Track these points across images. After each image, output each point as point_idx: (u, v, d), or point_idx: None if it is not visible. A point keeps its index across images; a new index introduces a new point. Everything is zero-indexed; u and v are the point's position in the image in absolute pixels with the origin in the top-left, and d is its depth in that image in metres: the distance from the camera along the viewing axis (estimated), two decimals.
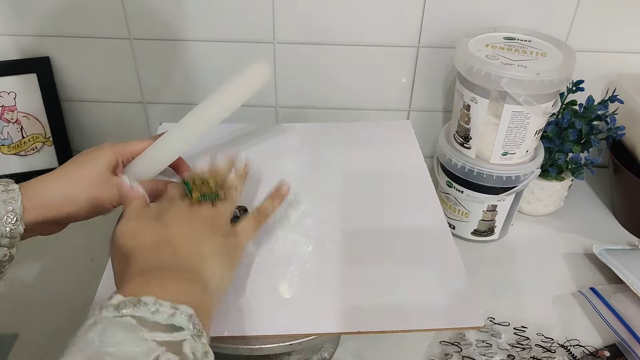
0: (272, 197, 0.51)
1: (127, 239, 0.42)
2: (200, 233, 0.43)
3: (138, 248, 0.41)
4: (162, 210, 0.46)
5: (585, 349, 0.61)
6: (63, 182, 0.49)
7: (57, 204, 0.49)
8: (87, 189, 0.50)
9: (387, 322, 0.45)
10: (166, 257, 0.40)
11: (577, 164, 0.75)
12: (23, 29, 0.80)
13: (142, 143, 0.56)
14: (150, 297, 0.34)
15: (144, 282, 0.37)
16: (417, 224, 0.56)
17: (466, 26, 0.74)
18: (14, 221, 0.45)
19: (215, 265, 0.42)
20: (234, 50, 0.82)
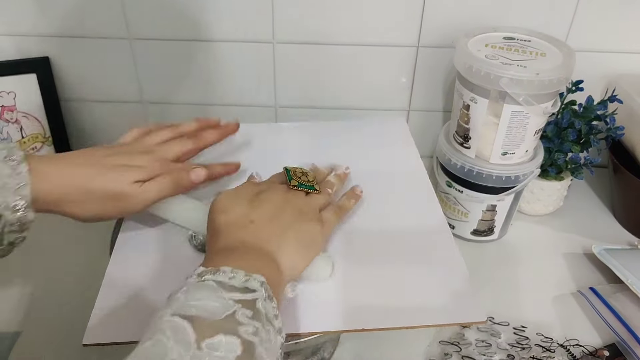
0: (349, 197, 0.55)
1: (218, 213, 0.46)
2: (286, 218, 0.47)
3: (225, 224, 0.45)
4: (260, 189, 0.50)
5: (584, 348, 0.61)
6: (86, 190, 0.46)
7: (77, 209, 0.46)
8: (115, 203, 0.47)
9: (388, 320, 0.45)
10: (248, 236, 0.43)
11: (577, 163, 0.75)
12: (23, 29, 0.80)
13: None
14: (227, 267, 0.38)
15: (224, 258, 0.41)
16: (416, 222, 0.56)
17: (466, 26, 0.74)
18: (24, 208, 0.43)
19: (292, 251, 0.45)
20: (234, 50, 0.82)
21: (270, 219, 0.46)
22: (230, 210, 0.46)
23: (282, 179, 0.53)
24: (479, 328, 0.63)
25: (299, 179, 0.52)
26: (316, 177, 0.55)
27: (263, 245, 0.43)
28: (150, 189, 0.48)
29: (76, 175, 0.46)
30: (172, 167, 0.50)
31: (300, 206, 0.49)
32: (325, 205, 0.52)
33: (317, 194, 0.52)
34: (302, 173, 0.53)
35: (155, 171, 0.48)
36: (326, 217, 0.50)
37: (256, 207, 0.47)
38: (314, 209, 0.50)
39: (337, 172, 0.58)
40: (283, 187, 0.51)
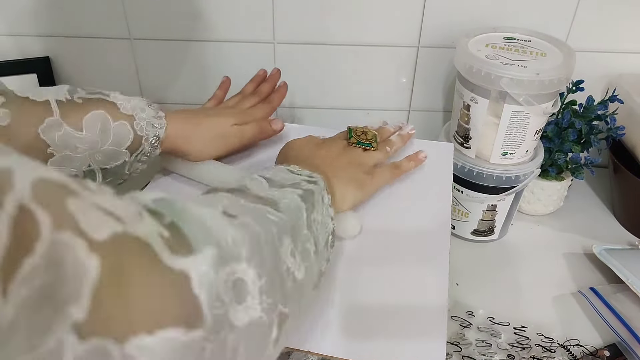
0: (410, 158, 0.61)
1: (290, 150, 0.57)
2: (342, 162, 0.55)
3: (294, 157, 0.54)
4: (325, 142, 0.58)
5: (585, 348, 0.61)
6: (202, 132, 0.58)
7: (194, 147, 0.58)
8: (223, 140, 0.60)
9: (347, 348, 0.44)
10: (312, 168, 0.49)
11: (577, 163, 0.75)
12: (23, 29, 0.80)
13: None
14: (295, 166, 0.47)
15: (295, 164, 0.49)
16: (417, 230, 0.56)
17: (466, 26, 0.74)
18: (157, 144, 0.54)
19: (343, 186, 0.52)
20: (234, 50, 0.82)
21: (330, 163, 0.54)
22: (300, 149, 0.56)
23: (345, 136, 0.59)
24: (479, 328, 0.63)
25: (358, 137, 0.58)
26: (377, 135, 0.58)
27: (324, 173, 0.50)
28: (245, 130, 0.61)
29: (194, 121, 0.58)
30: (252, 116, 0.63)
31: (355, 158, 0.56)
32: (382, 162, 0.58)
33: (373, 151, 0.58)
34: (362, 132, 0.58)
35: (247, 119, 0.62)
36: (379, 171, 0.57)
37: (321, 150, 0.56)
38: (367, 163, 0.57)
39: (401, 132, 0.63)
40: (343, 143, 0.58)
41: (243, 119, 0.62)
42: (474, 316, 0.64)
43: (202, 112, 0.62)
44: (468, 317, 0.64)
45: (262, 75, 0.72)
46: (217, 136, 0.59)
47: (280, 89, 0.70)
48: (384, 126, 0.64)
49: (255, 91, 0.69)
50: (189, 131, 0.57)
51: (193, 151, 0.58)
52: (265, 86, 0.70)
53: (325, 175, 0.49)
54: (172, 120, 0.56)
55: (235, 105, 0.66)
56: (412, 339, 0.45)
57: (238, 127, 0.61)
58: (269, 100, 0.68)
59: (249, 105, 0.66)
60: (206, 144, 0.59)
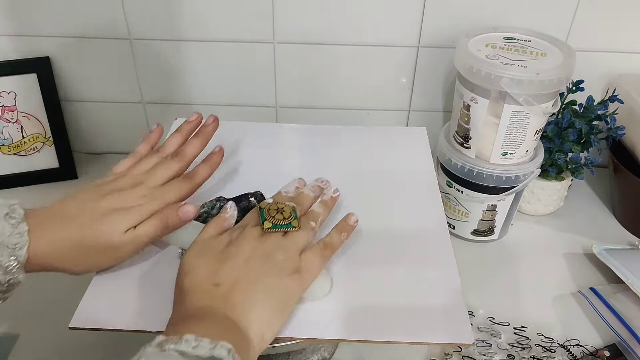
0: (339, 229, 0.49)
1: (183, 275, 0.43)
2: (255, 275, 0.42)
3: (190, 287, 0.42)
4: (231, 238, 0.46)
5: (585, 348, 0.61)
6: (84, 246, 0.45)
7: (73, 264, 0.45)
8: (113, 251, 0.46)
9: (370, 332, 0.44)
10: (213, 301, 0.40)
11: (577, 163, 0.75)
12: (23, 29, 0.80)
13: None
14: (191, 335, 0.35)
15: (188, 325, 0.38)
16: (415, 226, 0.55)
17: (466, 26, 0.74)
18: (16, 270, 0.42)
19: (262, 315, 0.41)
20: (234, 50, 0.82)
21: (237, 280, 0.42)
22: (194, 271, 0.43)
23: (256, 220, 0.48)
24: (479, 328, 0.63)
25: (273, 219, 0.46)
26: (296, 207, 0.48)
27: (228, 311, 0.40)
28: (141, 234, 0.46)
29: (70, 232, 0.44)
30: (162, 200, 0.48)
31: (273, 255, 0.44)
32: (308, 243, 0.47)
33: (296, 232, 0.46)
34: (276, 210, 0.47)
35: (146, 212, 0.47)
36: (307, 260, 0.45)
37: (222, 265, 0.43)
38: (292, 253, 0.45)
39: (324, 198, 0.52)
40: (257, 232, 0.46)
41: (144, 212, 0.47)
42: (474, 316, 0.64)
43: (83, 212, 0.46)
44: (468, 317, 0.64)
45: (193, 123, 0.55)
46: (104, 250, 0.45)
47: (212, 158, 0.53)
48: (301, 191, 0.53)
49: (177, 152, 0.52)
50: (63, 248, 0.44)
51: (73, 269, 0.46)
52: (192, 145, 0.53)
53: (235, 316, 0.40)
54: (39, 235, 0.43)
55: (142, 178, 0.49)
56: (437, 324, 0.46)
57: (132, 233, 0.46)
58: (191, 174, 0.51)
59: (162, 179, 0.50)
60: (89, 260, 0.46)
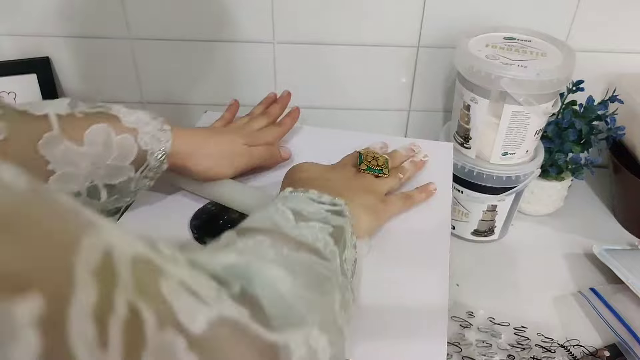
0: (421, 190, 0.58)
1: (299, 172, 0.54)
2: (355, 188, 0.52)
3: (306, 179, 0.52)
4: (334, 167, 0.56)
5: (585, 349, 0.61)
6: (210, 149, 0.56)
7: (201, 164, 0.55)
8: (231, 159, 0.58)
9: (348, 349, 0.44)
10: (324, 189, 0.46)
11: (577, 164, 0.75)
12: (23, 29, 0.80)
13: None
14: (314, 190, 0.45)
15: (309, 187, 0.46)
16: (418, 232, 0.55)
17: (466, 26, 0.74)
18: (163, 159, 0.51)
19: (357, 212, 0.48)
20: (234, 50, 0.82)
21: (343, 187, 0.51)
22: (309, 170, 0.54)
23: (354, 162, 0.56)
24: (479, 328, 0.63)
25: (369, 163, 0.55)
26: (389, 160, 0.57)
27: (337, 195, 0.47)
28: (255, 152, 0.59)
29: (202, 138, 0.56)
30: (263, 137, 0.62)
31: (367, 185, 0.54)
32: (393, 190, 0.56)
33: (385, 178, 0.55)
34: (372, 157, 0.56)
35: (257, 141, 0.60)
36: (391, 200, 0.54)
37: (331, 173, 0.54)
38: (379, 190, 0.54)
39: (415, 159, 0.61)
40: (354, 170, 0.56)
41: (253, 140, 0.60)
42: (474, 316, 0.64)
43: (211, 129, 0.60)
44: (468, 317, 0.64)
45: (272, 98, 0.70)
46: (226, 154, 0.57)
47: (292, 113, 0.68)
48: (396, 149, 0.62)
49: (265, 112, 0.67)
50: (196, 147, 0.55)
51: (200, 169, 0.55)
52: (276, 108, 0.67)
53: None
54: (178, 135, 0.53)
55: (245, 126, 0.63)
56: (413, 340, 0.45)
57: (247, 148, 0.59)
58: (279, 123, 0.66)
59: (259, 127, 0.64)
60: (214, 161, 0.56)
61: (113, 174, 0.49)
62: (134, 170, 0.50)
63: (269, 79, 0.85)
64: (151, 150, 0.50)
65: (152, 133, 0.51)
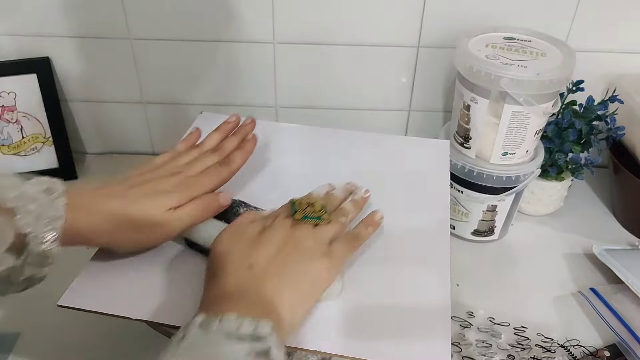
0: (366, 224, 0.50)
1: (217, 254, 0.44)
2: (287, 258, 0.44)
3: (223, 267, 0.43)
4: (264, 226, 0.47)
5: (585, 349, 0.61)
6: (121, 221, 0.46)
7: (110, 240, 0.47)
8: (145, 234, 0.48)
9: (347, 346, 0.44)
10: (246, 282, 0.42)
11: (577, 164, 0.75)
12: (23, 29, 0.80)
13: None
14: (232, 314, 0.37)
15: (223, 304, 0.40)
16: (416, 231, 0.55)
17: (466, 26, 0.74)
18: (52, 242, 0.42)
19: (292, 297, 0.42)
20: (234, 50, 0.82)
21: (269, 262, 0.43)
22: (229, 252, 0.44)
23: (288, 212, 0.49)
24: (479, 328, 0.63)
25: (304, 211, 0.48)
26: (327, 204, 0.50)
27: (261, 292, 0.41)
28: (183, 215, 0.48)
29: (110, 206, 0.46)
30: (201, 186, 0.51)
31: (304, 242, 0.46)
32: (337, 236, 0.48)
33: (326, 225, 0.48)
34: (307, 204, 0.49)
35: (185, 197, 0.49)
36: (335, 249, 0.46)
37: (256, 249, 0.44)
38: (321, 242, 0.46)
39: (355, 197, 0.53)
40: (289, 222, 0.48)
41: (184, 196, 0.49)
42: (474, 316, 0.64)
43: (125, 192, 0.47)
44: (468, 317, 0.64)
45: (231, 124, 0.59)
46: (144, 227, 0.47)
47: (246, 145, 0.56)
48: (332, 192, 0.54)
49: (217, 148, 0.56)
50: (102, 223, 0.45)
51: (111, 246, 0.48)
52: (231, 142, 0.56)
53: (267, 297, 0.41)
54: (76, 210, 0.43)
55: (181, 169, 0.52)
56: (417, 339, 0.45)
57: (173, 213, 0.48)
58: (227, 161, 0.54)
59: (201, 169, 0.53)
60: (128, 238, 0.47)
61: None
62: (13, 259, 0.41)
63: (269, 79, 0.85)
64: (33, 234, 0.41)
65: (38, 212, 0.41)
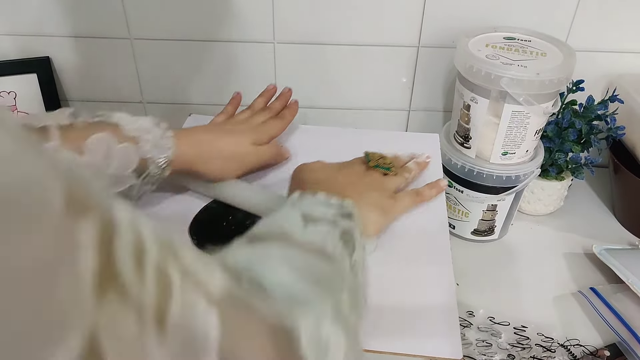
0: (431, 186, 0.59)
1: (307, 171, 0.54)
2: (364, 187, 0.53)
3: (314, 179, 0.53)
4: (342, 166, 0.57)
5: (585, 348, 0.61)
6: (218, 152, 0.56)
7: (210, 168, 0.55)
8: (240, 160, 0.58)
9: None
10: (332, 190, 0.47)
11: (577, 163, 0.75)
12: (23, 29, 0.80)
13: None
14: (322, 193, 0.45)
15: (315, 188, 0.47)
16: (415, 230, 0.55)
17: (466, 26, 0.74)
18: (165, 166, 0.51)
19: (365, 212, 0.49)
20: (234, 50, 0.82)
21: (351, 183, 0.53)
22: (318, 170, 0.54)
23: (362, 160, 0.57)
24: (479, 328, 0.63)
25: (377, 161, 0.56)
26: (394, 161, 0.58)
27: (344, 195, 0.47)
28: (263, 151, 0.60)
29: (208, 139, 0.56)
30: (268, 132, 0.61)
31: (376, 182, 0.54)
32: (401, 188, 0.57)
33: (393, 175, 0.56)
34: (380, 156, 0.57)
35: (263, 137, 0.60)
36: (400, 196, 0.55)
37: (339, 173, 0.54)
38: (389, 187, 0.55)
39: (418, 160, 0.62)
40: (363, 168, 0.56)
41: (259, 137, 0.60)
42: (474, 316, 0.65)
43: (217, 130, 0.59)
44: (468, 317, 0.64)
45: (271, 91, 0.69)
46: (234, 156, 0.57)
47: (292, 105, 0.67)
48: (398, 154, 0.62)
49: (266, 107, 0.67)
50: (203, 151, 0.55)
51: (209, 172, 0.56)
52: (277, 102, 0.67)
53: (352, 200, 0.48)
54: (183, 141, 0.53)
55: (247, 121, 0.63)
56: (427, 335, 0.45)
57: (255, 147, 0.59)
58: (281, 116, 0.65)
59: (262, 121, 0.63)
60: (222, 164, 0.56)
61: (115, 183, 0.49)
62: (136, 178, 0.50)
63: (269, 79, 0.85)
64: (152, 158, 0.50)
65: (154, 141, 0.50)
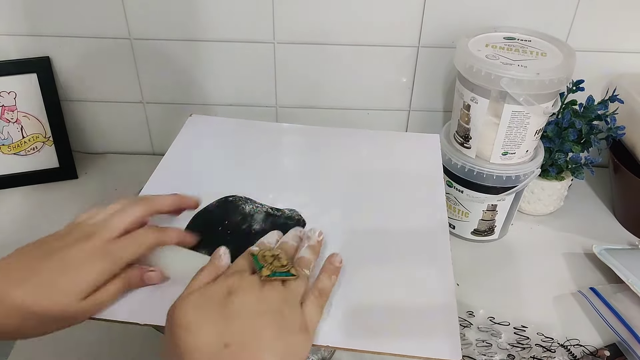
0: (328, 272, 0.46)
1: (182, 331, 0.37)
2: (267, 334, 0.38)
3: (197, 347, 0.36)
4: (229, 286, 0.40)
5: (585, 348, 0.61)
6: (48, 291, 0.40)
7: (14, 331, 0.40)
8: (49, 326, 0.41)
9: (357, 341, 0.43)
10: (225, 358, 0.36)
11: (577, 163, 0.75)
12: (23, 29, 0.80)
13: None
14: None
15: None
16: (414, 228, 0.55)
17: (466, 26, 0.74)
18: None
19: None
20: (234, 50, 0.82)
21: (250, 340, 0.37)
22: (198, 327, 0.37)
23: (251, 265, 0.44)
24: (479, 328, 0.63)
25: (271, 266, 0.43)
26: (286, 251, 0.46)
27: None
28: (103, 299, 0.42)
29: (15, 299, 0.39)
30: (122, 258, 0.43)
31: (280, 308, 0.40)
32: (306, 292, 0.43)
33: (294, 280, 0.43)
34: (272, 257, 0.44)
35: (103, 274, 0.42)
36: (309, 313, 0.42)
37: (229, 320, 0.38)
38: (296, 306, 0.41)
39: (310, 243, 0.48)
40: (255, 280, 0.41)
41: (99, 276, 0.42)
42: (474, 316, 0.65)
43: (28, 281, 0.40)
44: (468, 317, 0.64)
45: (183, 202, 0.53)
46: (59, 320, 0.40)
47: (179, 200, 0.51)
48: (284, 241, 0.49)
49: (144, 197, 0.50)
50: (4, 319, 0.39)
51: (22, 337, 0.42)
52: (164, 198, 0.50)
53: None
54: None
55: (95, 232, 0.44)
56: (425, 335, 0.45)
57: (92, 299, 0.41)
58: (161, 228, 0.48)
59: (119, 231, 0.45)
60: (40, 329, 0.41)
61: None
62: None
63: (269, 79, 0.85)
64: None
65: None
